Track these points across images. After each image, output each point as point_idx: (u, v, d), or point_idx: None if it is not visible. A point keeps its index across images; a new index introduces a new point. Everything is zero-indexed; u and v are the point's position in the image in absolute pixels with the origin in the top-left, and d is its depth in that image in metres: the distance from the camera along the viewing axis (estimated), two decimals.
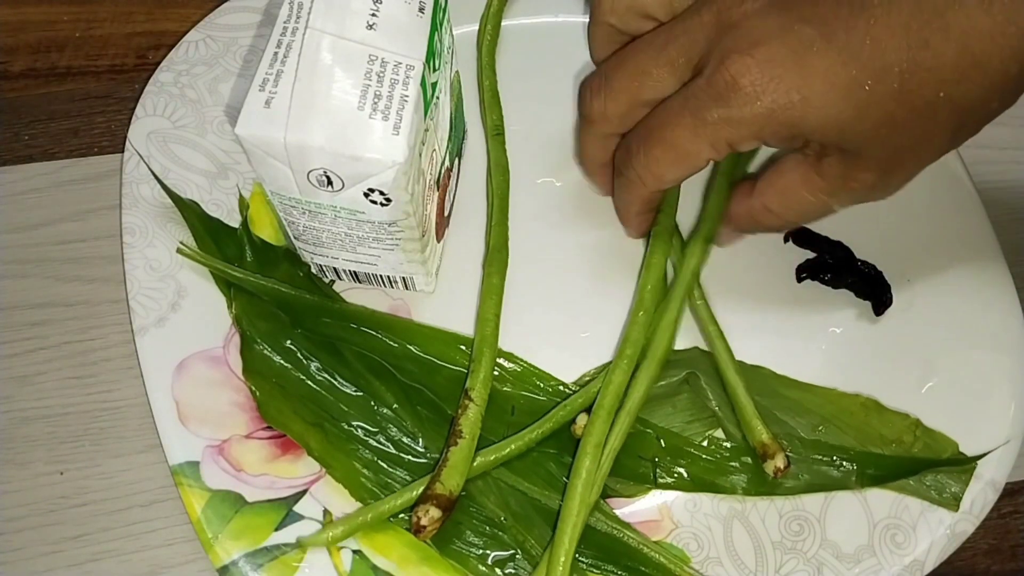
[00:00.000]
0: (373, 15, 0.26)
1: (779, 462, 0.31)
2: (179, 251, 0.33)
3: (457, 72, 0.33)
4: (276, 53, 0.26)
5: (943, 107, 0.26)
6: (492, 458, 0.31)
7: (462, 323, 0.34)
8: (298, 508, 0.31)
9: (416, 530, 0.29)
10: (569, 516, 0.29)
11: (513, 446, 0.31)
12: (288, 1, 0.27)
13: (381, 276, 0.33)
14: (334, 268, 0.33)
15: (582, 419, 0.31)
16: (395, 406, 0.32)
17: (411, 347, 0.33)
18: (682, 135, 0.28)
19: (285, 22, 0.27)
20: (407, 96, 0.26)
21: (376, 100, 0.26)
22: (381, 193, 0.27)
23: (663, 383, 0.33)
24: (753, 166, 0.36)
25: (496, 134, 0.37)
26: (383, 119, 0.26)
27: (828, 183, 0.28)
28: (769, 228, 0.32)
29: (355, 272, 0.33)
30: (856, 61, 0.25)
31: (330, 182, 0.27)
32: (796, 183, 0.29)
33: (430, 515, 0.29)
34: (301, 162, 0.26)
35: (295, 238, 0.31)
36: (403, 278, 0.33)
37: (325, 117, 0.25)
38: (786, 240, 0.36)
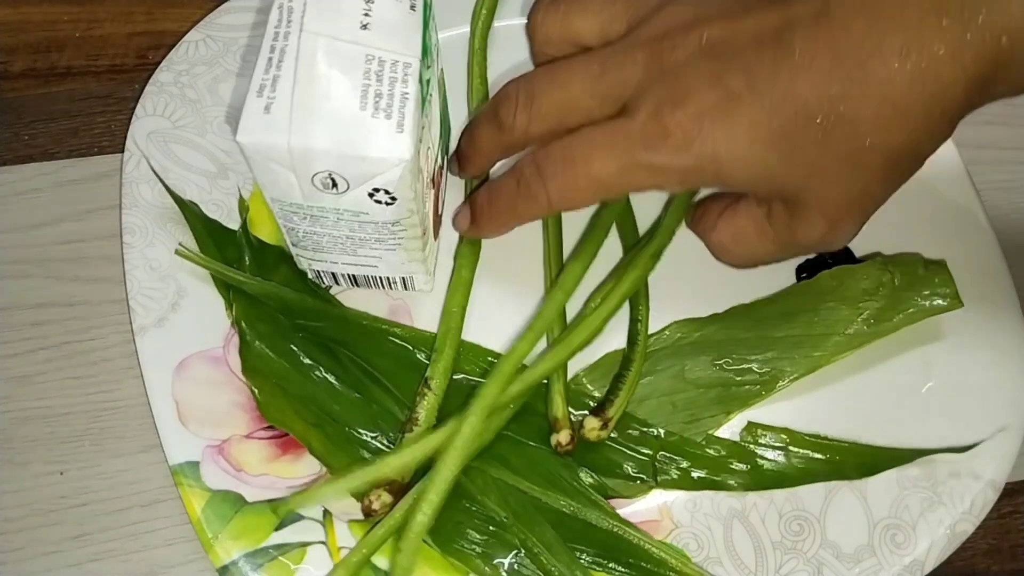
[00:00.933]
0: (366, 15, 0.26)
1: (563, 438, 0.31)
2: (178, 252, 0.33)
3: (442, 69, 0.33)
4: (270, 58, 0.26)
5: (872, 155, 0.26)
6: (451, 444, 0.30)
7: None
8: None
9: (367, 513, 0.30)
10: (442, 471, 0.29)
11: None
12: (277, 6, 0.27)
13: (380, 278, 0.33)
14: (332, 273, 0.33)
15: (590, 422, 0.31)
16: (395, 410, 0.32)
17: (408, 354, 0.33)
18: (608, 170, 0.28)
19: (276, 27, 0.26)
20: (407, 93, 0.26)
21: (377, 99, 0.26)
22: (387, 192, 0.27)
23: (651, 377, 0.33)
24: None
25: None
26: (386, 117, 0.26)
27: (777, 233, 0.29)
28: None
29: (354, 276, 0.33)
30: (779, 112, 0.25)
31: (335, 184, 0.27)
32: (750, 228, 0.30)
33: (381, 500, 0.30)
34: (305, 166, 0.26)
35: (293, 244, 0.31)
36: (402, 278, 0.33)
37: (328, 119, 0.25)
38: None
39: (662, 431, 0.32)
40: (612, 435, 0.32)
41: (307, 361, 0.33)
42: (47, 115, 0.39)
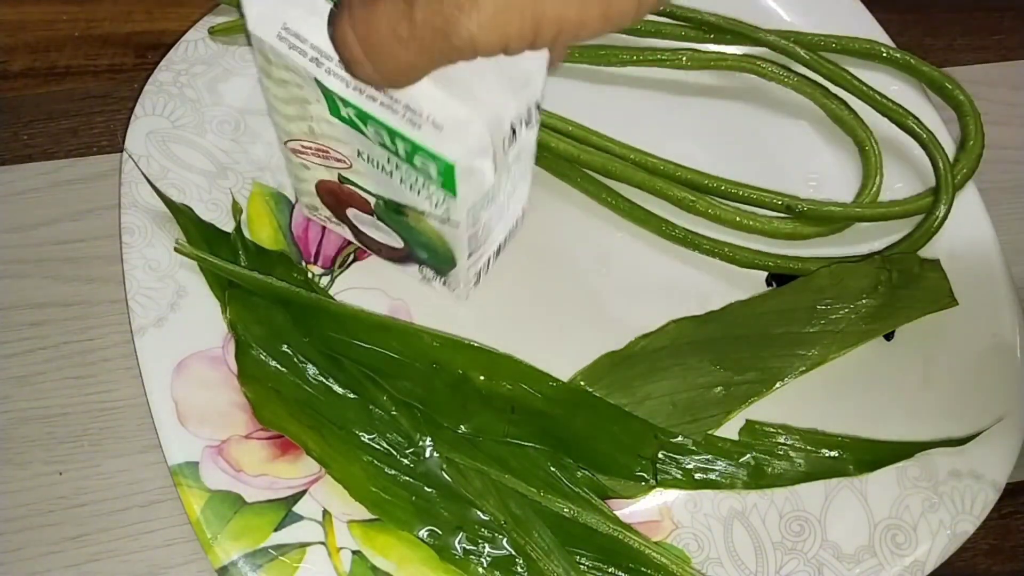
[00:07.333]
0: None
1: None
2: (177, 250, 0.33)
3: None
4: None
5: None
6: None
7: (460, 320, 0.33)
8: (297, 508, 0.31)
9: None
10: None
11: None
12: None
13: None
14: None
15: None
16: (393, 412, 0.32)
17: (406, 358, 0.33)
18: None
19: None
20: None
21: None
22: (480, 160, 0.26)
23: (651, 377, 0.33)
24: None
25: None
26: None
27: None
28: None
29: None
30: None
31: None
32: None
33: None
34: (499, 129, 0.25)
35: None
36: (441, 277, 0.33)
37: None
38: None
39: (662, 431, 0.32)
40: (613, 432, 0.32)
41: (303, 363, 0.32)
42: (46, 115, 0.39)
